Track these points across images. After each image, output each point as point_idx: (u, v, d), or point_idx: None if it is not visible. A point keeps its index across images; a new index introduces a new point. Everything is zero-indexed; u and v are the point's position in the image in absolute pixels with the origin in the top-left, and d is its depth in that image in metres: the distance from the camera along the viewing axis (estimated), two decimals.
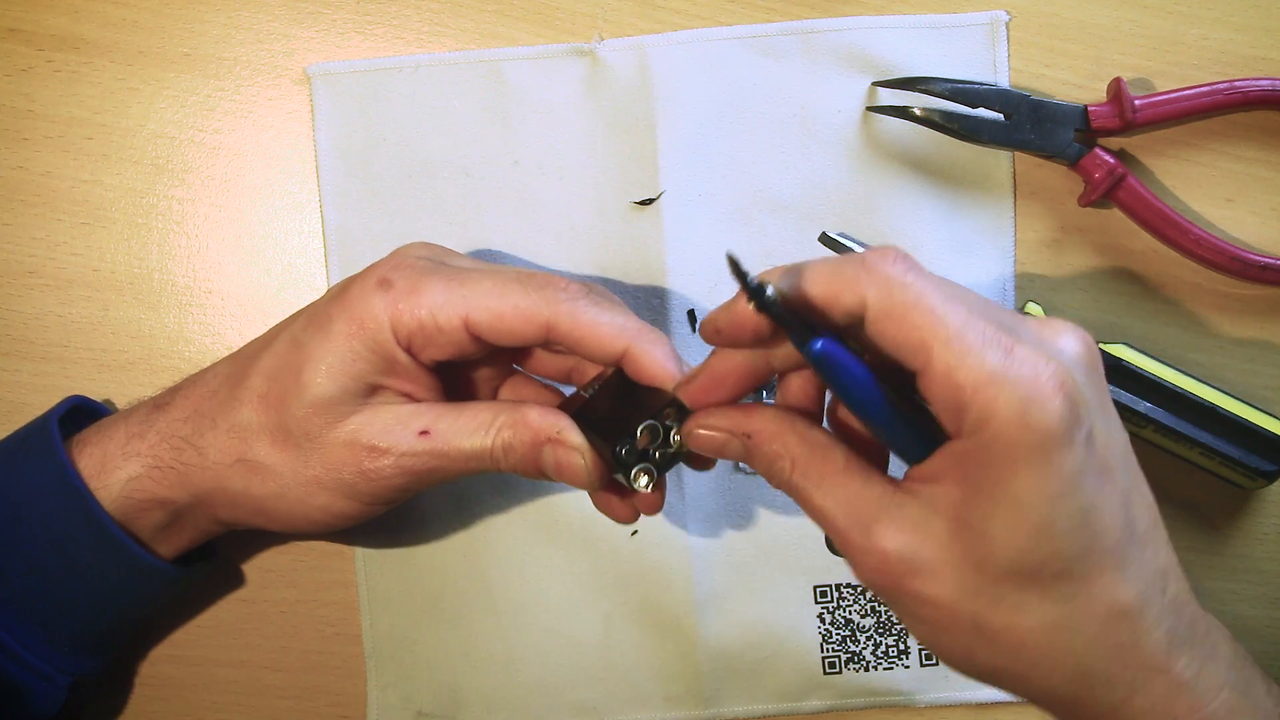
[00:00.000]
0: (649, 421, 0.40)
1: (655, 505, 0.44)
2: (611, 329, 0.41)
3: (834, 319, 0.34)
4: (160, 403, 0.45)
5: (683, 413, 0.40)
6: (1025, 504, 0.33)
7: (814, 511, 0.36)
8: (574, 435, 0.41)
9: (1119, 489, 0.34)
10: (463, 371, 0.45)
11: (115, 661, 0.49)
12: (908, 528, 0.34)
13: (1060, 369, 0.32)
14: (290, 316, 0.46)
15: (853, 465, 0.36)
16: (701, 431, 0.38)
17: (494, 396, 0.47)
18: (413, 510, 0.52)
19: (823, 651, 0.52)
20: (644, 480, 0.41)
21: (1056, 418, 0.32)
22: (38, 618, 0.45)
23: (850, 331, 0.35)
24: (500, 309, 0.41)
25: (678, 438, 0.40)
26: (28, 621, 0.44)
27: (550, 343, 0.42)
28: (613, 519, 0.45)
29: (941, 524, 0.34)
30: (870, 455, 0.37)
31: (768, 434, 0.37)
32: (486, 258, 0.51)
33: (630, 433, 0.40)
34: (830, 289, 0.34)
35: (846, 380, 0.34)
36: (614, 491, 0.44)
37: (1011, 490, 0.33)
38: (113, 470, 0.44)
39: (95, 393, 0.51)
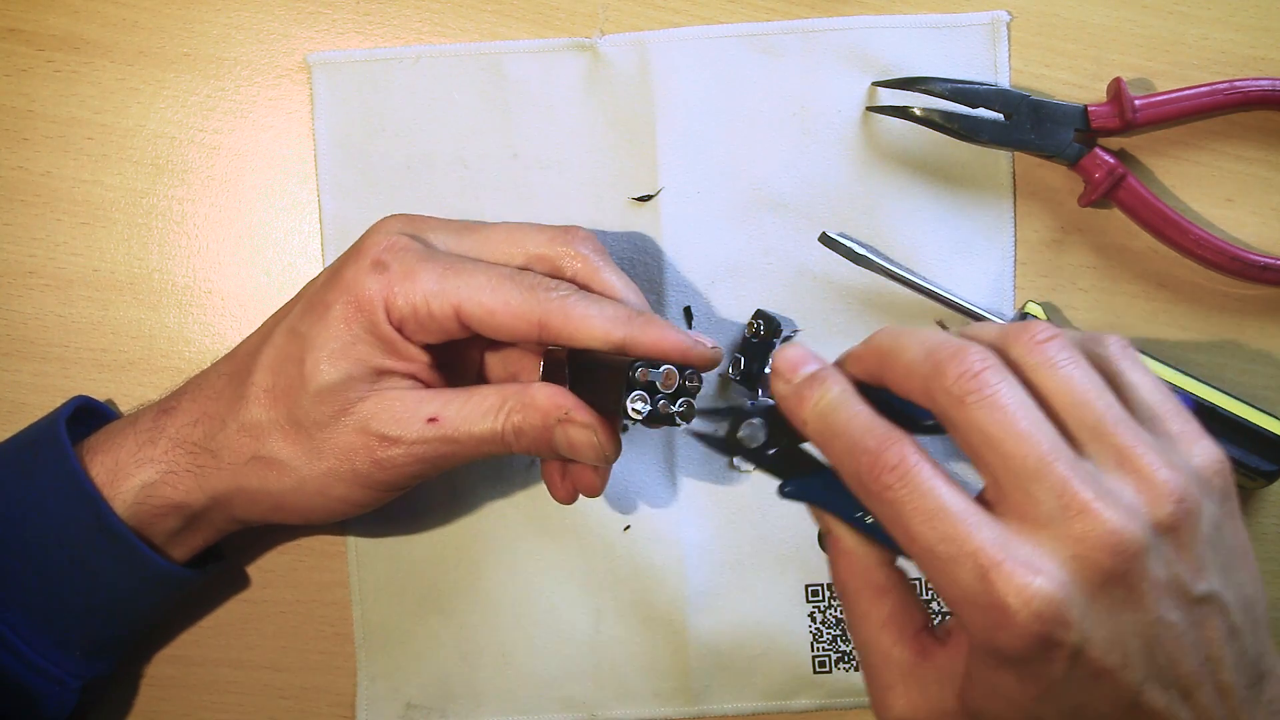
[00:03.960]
0: (640, 390, 0.40)
1: (596, 488, 0.45)
2: (603, 321, 0.42)
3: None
4: (166, 407, 0.45)
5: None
6: (1011, 700, 0.34)
7: (850, 634, 0.39)
8: (583, 413, 0.42)
9: (1125, 684, 0.33)
10: (454, 346, 0.45)
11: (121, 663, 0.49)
12: (917, 700, 0.36)
13: (1043, 596, 0.31)
14: (284, 306, 0.46)
15: (892, 622, 0.37)
16: (789, 490, 0.40)
17: (482, 362, 0.47)
18: (406, 502, 0.52)
19: (813, 650, 0.52)
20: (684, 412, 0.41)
21: (1023, 646, 0.32)
22: (50, 622, 0.45)
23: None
24: (492, 305, 0.42)
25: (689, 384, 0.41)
26: (40, 626, 0.44)
27: (542, 340, 0.42)
28: (555, 497, 0.46)
29: (949, 695, 0.35)
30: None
31: (845, 550, 0.39)
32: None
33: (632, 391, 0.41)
34: (906, 386, 0.36)
35: (818, 504, 0.38)
36: (556, 470, 0.45)
37: (999, 685, 0.34)
38: (126, 478, 0.44)
39: (95, 393, 0.51)
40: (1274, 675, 0.36)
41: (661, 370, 0.40)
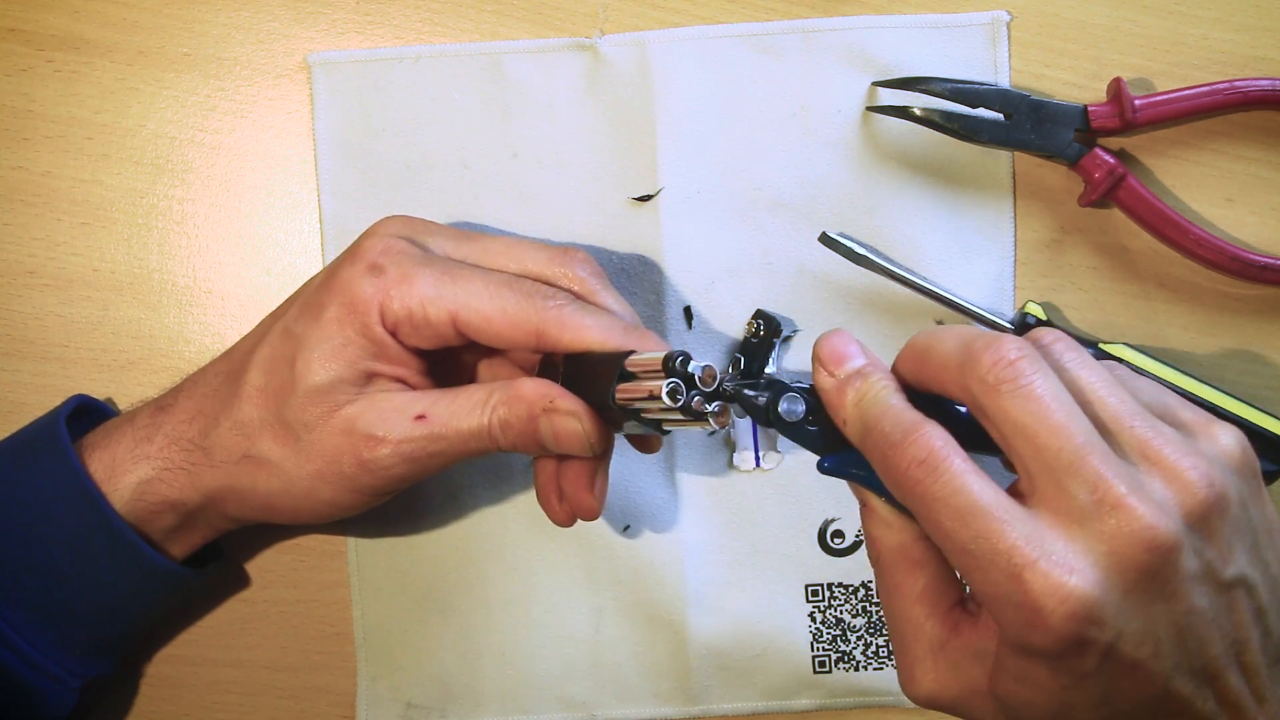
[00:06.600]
0: (676, 380, 0.38)
1: (594, 511, 0.44)
2: (600, 332, 0.42)
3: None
4: (163, 404, 0.45)
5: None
6: (1041, 688, 0.33)
7: (883, 606, 0.39)
8: (568, 401, 0.41)
9: (1156, 673, 0.33)
10: (446, 352, 0.45)
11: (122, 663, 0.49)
12: (946, 677, 0.36)
13: (1077, 596, 0.31)
14: (281, 306, 0.46)
15: (926, 596, 0.37)
16: (827, 465, 0.39)
17: (474, 372, 0.47)
18: (405, 502, 0.52)
19: (813, 650, 0.52)
20: (712, 411, 0.39)
21: (1057, 646, 0.32)
22: (50, 621, 0.45)
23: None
24: (489, 312, 0.42)
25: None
26: (40, 625, 0.44)
27: (539, 349, 0.42)
28: (553, 519, 0.45)
29: (979, 673, 0.35)
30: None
31: (881, 522, 0.38)
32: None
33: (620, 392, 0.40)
34: (940, 381, 0.36)
35: (856, 480, 0.38)
36: (553, 491, 0.45)
37: (1029, 674, 0.33)
38: (122, 474, 0.44)
39: (95, 393, 0.51)
40: None
41: (702, 366, 0.39)
